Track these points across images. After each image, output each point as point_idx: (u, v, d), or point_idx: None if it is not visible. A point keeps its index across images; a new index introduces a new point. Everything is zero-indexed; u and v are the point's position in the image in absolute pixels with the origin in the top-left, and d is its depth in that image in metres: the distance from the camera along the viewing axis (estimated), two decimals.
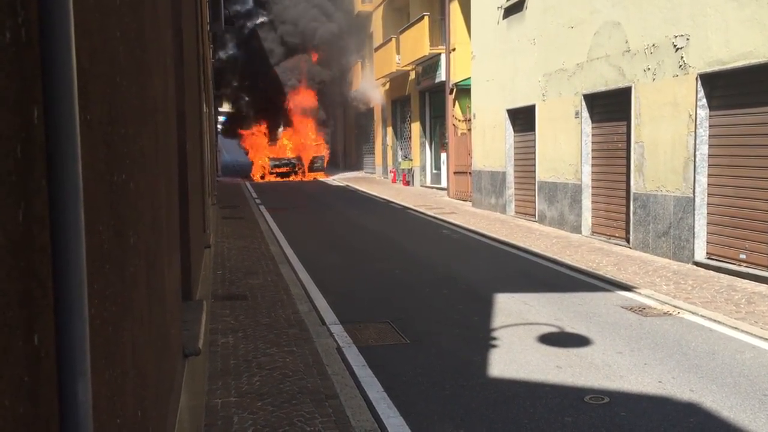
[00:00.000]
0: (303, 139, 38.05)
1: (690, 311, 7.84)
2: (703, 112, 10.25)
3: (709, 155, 10.27)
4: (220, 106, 40.84)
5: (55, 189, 0.90)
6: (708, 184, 10.30)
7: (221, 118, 44.99)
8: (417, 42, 25.90)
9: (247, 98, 39.55)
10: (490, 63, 18.58)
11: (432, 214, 18.05)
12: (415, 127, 29.25)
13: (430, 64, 26.02)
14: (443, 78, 23.97)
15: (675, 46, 10.76)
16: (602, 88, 13.02)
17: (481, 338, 7.02)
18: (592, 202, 13.85)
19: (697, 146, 10.31)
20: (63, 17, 0.88)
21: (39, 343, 0.87)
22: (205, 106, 9.90)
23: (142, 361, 1.74)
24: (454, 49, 23.20)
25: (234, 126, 40.15)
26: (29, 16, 0.86)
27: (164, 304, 2.44)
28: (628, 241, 12.34)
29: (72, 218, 0.91)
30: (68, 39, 0.89)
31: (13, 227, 0.82)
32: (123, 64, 1.60)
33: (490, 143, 18.70)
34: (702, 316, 7.64)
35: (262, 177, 36.50)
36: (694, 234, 10.40)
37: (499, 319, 7.72)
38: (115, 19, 1.51)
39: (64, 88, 0.89)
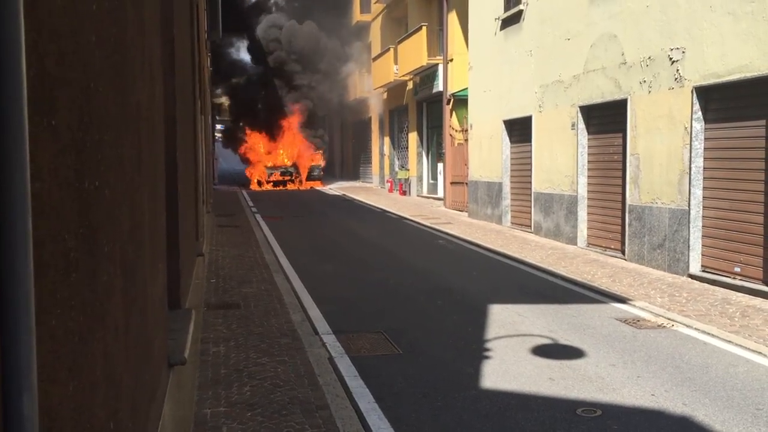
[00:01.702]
0: (300, 148, 38.02)
1: (684, 324, 7.81)
2: (699, 125, 10.26)
3: (704, 168, 10.27)
4: (218, 115, 40.79)
5: (2, 194, 0.87)
6: (703, 197, 10.30)
7: (219, 126, 44.95)
8: (415, 52, 25.96)
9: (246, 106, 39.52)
10: (487, 74, 18.62)
11: (428, 224, 18.03)
12: (413, 137, 29.29)
13: (427, 75, 26.08)
14: (441, 88, 24.02)
15: (671, 58, 10.78)
16: (598, 100, 13.04)
17: (474, 349, 6.98)
18: (588, 213, 13.84)
19: (693, 159, 10.31)
20: (11, 18, 0.85)
21: None
22: (200, 114, 9.88)
23: (115, 371, 1.71)
24: (451, 60, 23.26)
25: (232, 134, 40.14)
26: None
27: (146, 313, 2.41)
28: (623, 252, 12.32)
29: (19, 227, 0.88)
30: (18, 40, 0.87)
31: None
32: (98, 70, 1.58)
33: (487, 154, 18.71)
34: (696, 329, 7.61)
35: (260, 185, 36.46)
36: (689, 246, 10.39)
37: (492, 330, 7.69)
38: (90, 24, 1.49)
39: (12, 91, 0.87)
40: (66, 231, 1.24)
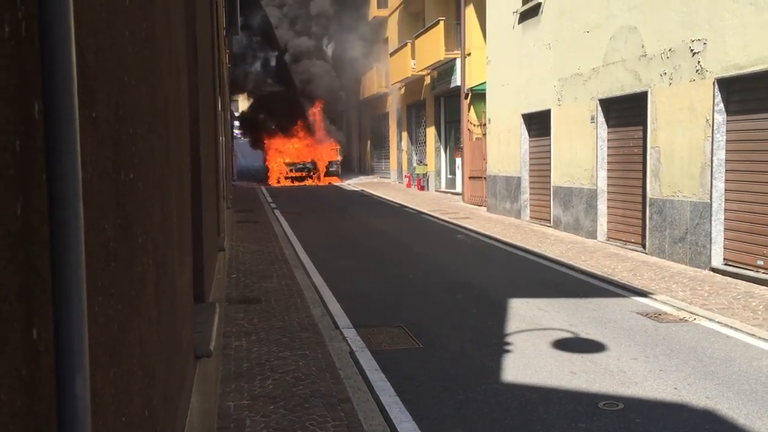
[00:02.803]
0: (318, 144, 38.13)
1: (706, 317, 7.76)
2: (720, 117, 10.16)
3: (726, 160, 10.17)
4: (237, 110, 40.99)
5: (55, 184, 0.90)
6: (725, 190, 10.20)
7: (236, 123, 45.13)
8: (432, 47, 25.91)
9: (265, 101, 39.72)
10: (505, 68, 18.55)
11: (446, 219, 18.02)
12: (430, 132, 29.24)
13: (445, 69, 26.01)
14: (458, 83, 23.95)
15: (692, 50, 10.68)
16: (618, 93, 12.95)
17: (494, 343, 6.98)
18: (608, 207, 13.76)
19: (714, 151, 10.21)
20: (62, 13, 0.88)
21: (38, 337, 0.87)
22: (220, 109, 9.93)
23: (149, 360, 1.75)
24: (469, 54, 23.18)
25: (253, 131, 40.38)
26: (29, 11, 0.87)
27: (174, 305, 2.44)
28: (644, 246, 12.24)
29: (72, 214, 0.91)
30: (68, 34, 0.89)
31: (10, 219, 0.82)
32: (131, 64, 1.61)
33: (505, 148, 18.65)
34: (718, 322, 7.55)
35: (279, 181, 36.61)
36: (710, 240, 10.30)
37: (513, 324, 7.68)
38: (124, 19, 1.52)
39: (63, 83, 0.89)
40: (106, 221, 1.27)
